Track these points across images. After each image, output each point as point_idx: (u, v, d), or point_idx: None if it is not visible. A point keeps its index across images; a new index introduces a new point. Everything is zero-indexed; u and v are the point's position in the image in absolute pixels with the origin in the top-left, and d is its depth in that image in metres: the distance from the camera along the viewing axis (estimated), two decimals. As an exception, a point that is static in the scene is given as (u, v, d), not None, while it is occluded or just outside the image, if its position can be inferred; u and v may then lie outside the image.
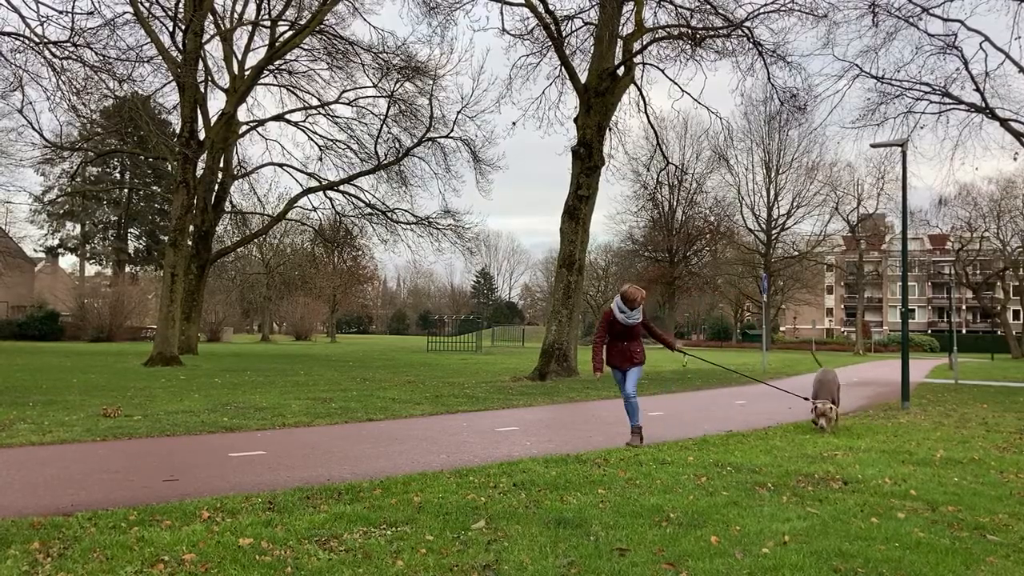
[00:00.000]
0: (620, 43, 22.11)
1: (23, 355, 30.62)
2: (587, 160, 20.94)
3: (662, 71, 24.91)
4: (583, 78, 21.97)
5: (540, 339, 25.93)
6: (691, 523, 5.34)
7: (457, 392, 15.77)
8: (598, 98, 21.07)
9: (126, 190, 65.51)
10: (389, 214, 37.62)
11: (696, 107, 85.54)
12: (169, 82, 29.25)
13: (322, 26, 30.46)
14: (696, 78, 66.54)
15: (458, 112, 33.74)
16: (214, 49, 33.01)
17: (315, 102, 36.22)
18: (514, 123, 32.63)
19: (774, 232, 64.92)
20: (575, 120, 21.73)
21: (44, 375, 18.93)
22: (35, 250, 66.86)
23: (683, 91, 26.13)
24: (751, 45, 22.90)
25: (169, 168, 34.67)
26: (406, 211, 37.70)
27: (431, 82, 33.06)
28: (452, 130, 34.40)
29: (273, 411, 11.73)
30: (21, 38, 20.13)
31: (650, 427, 10.06)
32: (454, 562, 4.37)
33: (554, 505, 5.78)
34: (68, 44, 20.11)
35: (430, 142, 35.20)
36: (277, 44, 31.08)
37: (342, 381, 18.27)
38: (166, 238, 33.73)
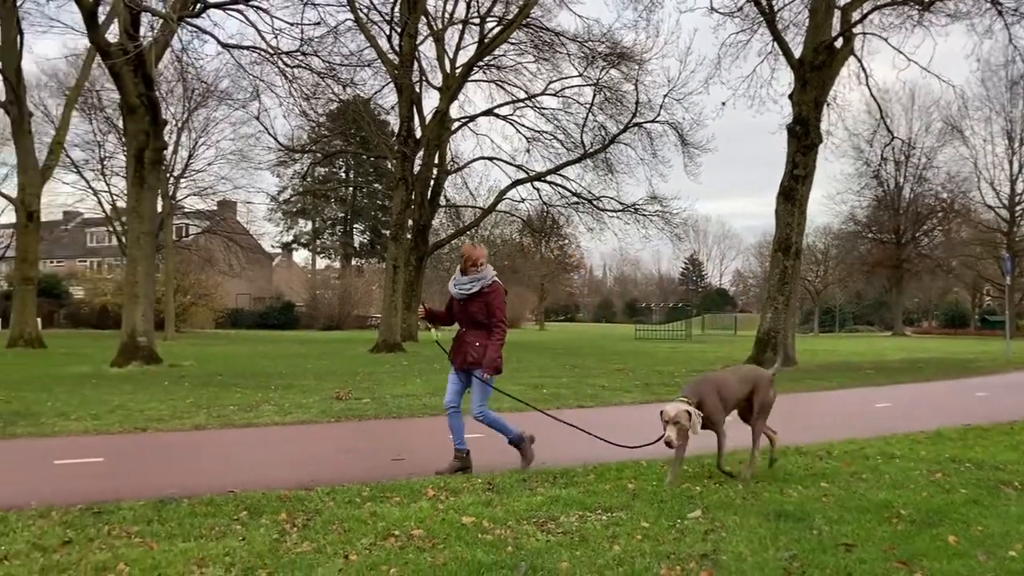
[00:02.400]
0: (837, 14, 20.86)
1: (264, 343, 33.54)
2: (803, 138, 19.97)
3: (885, 40, 23.23)
4: (797, 53, 20.95)
5: (753, 327, 25.09)
6: (925, 521, 4.96)
7: (668, 380, 15.58)
8: (814, 73, 20.02)
9: (351, 188, 69.97)
10: (595, 202, 37.73)
11: (924, 76, 79.50)
12: (387, 84, 30.86)
13: (528, 19, 30.98)
14: (924, 46, 62.07)
15: (664, 96, 33.26)
16: (428, 50, 34.43)
17: (522, 95, 36.91)
18: (723, 103, 31.84)
19: (1018, 208, 59.01)
20: (789, 97, 20.77)
21: (283, 361, 20.62)
22: (272, 246, 72.71)
23: (909, 60, 24.25)
24: (989, 4, 20.91)
25: (389, 166, 36.66)
26: (612, 198, 37.67)
27: (637, 67, 32.77)
28: (659, 114, 33.97)
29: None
30: (258, 51, 21.95)
31: (877, 419, 9.46)
32: (671, 550, 4.32)
33: (773, 497, 5.58)
34: (298, 53, 21.72)
35: (636, 128, 34.92)
36: (486, 41, 31.97)
37: (552, 368, 18.56)
38: (387, 232, 35.75)
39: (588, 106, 35.52)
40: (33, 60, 54.38)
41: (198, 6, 18.86)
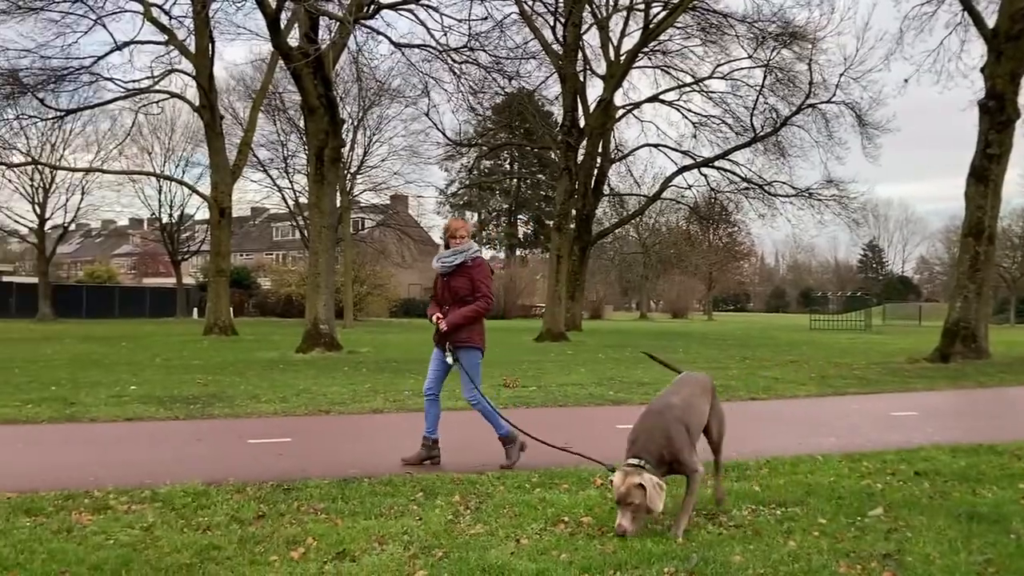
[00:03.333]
0: (1038, -23, 19.13)
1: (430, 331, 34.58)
2: (998, 114, 18.46)
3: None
4: (991, 22, 19.39)
5: (940, 317, 23.50)
6: None
7: (845, 373, 14.89)
8: (1010, 43, 18.45)
9: (515, 180, 70.91)
10: (766, 187, 36.49)
11: None
12: (551, 75, 31.02)
13: (695, 2, 30.28)
14: None
15: (840, 74, 31.69)
16: (591, 38, 34.34)
17: (688, 79, 36.15)
18: (906, 80, 29.76)
19: None
20: (981, 70, 19.25)
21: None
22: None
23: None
24: None
25: (553, 157, 36.86)
26: (784, 183, 36.30)
27: (810, 46, 31.36)
28: (834, 94, 32.42)
29: (655, 387, 12.00)
30: (428, 48, 22.63)
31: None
32: (850, 548, 4.15)
33: (964, 498, 5.23)
34: (465, 49, 22.22)
35: (810, 109, 33.47)
36: (651, 26, 31.50)
37: (721, 359, 18.14)
38: (551, 223, 35.99)
39: (758, 88, 34.39)
40: (223, 66, 58.34)
41: (372, 8, 19.66)
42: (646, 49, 33.13)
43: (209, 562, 3.86)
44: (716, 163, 36.75)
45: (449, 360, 6.42)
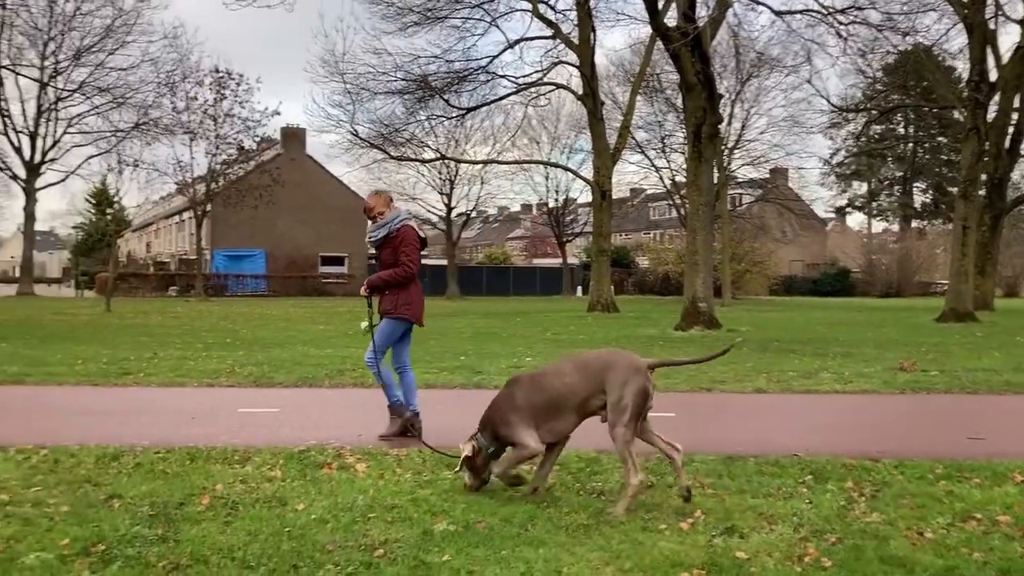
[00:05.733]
0: None
1: (818, 310, 33.03)
2: None
3: None
4: None
5: None
6: None
7: None
8: None
9: (910, 144, 64.89)
10: None
11: None
12: (954, 25, 27.77)
13: None
14: None
15: None
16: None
17: None
18: None
19: None
20: None
21: (839, 329, 20.10)
22: (825, 211, 70.96)
23: None
24: None
25: (956, 116, 33.09)
26: None
27: None
28: None
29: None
30: (812, 13, 21.47)
31: None
32: None
33: None
34: (853, 9, 20.71)
35: None
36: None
37: None
38: (955, 190, 32.41)
39: None
40: (603, 53, 60.65)
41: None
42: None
43: (604, 524, 4.10)
44: None
45: (364, 326, 6.32)
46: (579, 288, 54.31)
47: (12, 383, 9.34)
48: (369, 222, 6.44)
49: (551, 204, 55.61)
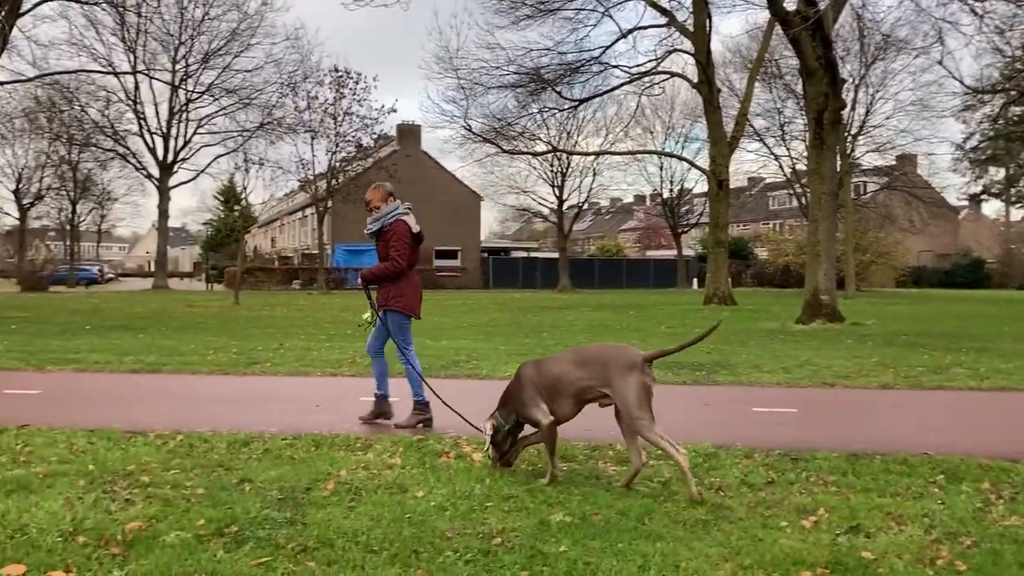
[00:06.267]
0: None
1: (950, 302, 31.46)
2: None
3: None
4: None
5: None
6: None
7: None
8: None
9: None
10: None
11: None
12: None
13: None
14: None
15: None
16: None
17: None
18: None
19: None
20: None
21: (973, 322, 19.11)
22: (958, 198, 67.42)
23: None
24: None
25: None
26: None
27: None
28: None
29: None
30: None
31: None
32: None
33: None
34: (988, -16, 19.61)
35: None
36: None
37: None
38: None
39: None
40: (719, 40, 59.48)
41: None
42: None
43: (723, 520, 4.03)
44: None
45: (366, 317, 6.69)
46: (694, 280, 53.46)
47: (150, 371, 9.91)
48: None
49: (665, 195, 54.86)
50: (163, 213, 47.52)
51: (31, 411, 6.90)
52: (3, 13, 20.42)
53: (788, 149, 43.14)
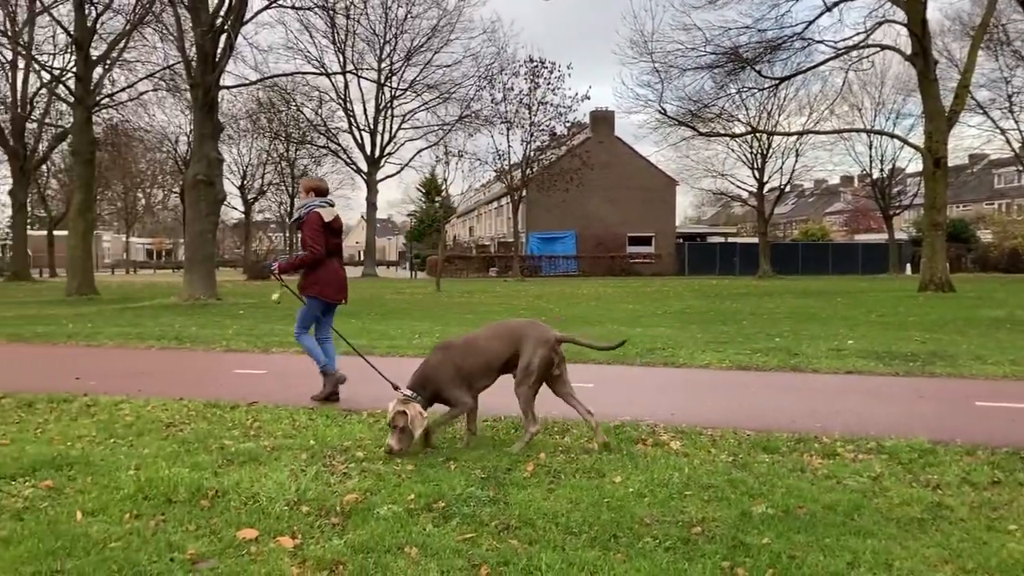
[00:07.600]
0: None
1: None
2: None
3: None
4: None
5: None
6: None
7: None
8: None
9: None
10: None
11: None
12: None
13: None
14: None
15: None
16: None
17: None
18: None
19: None
20: None
21: None
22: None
23: None
24: None
25: None
26: None
27: None
28: None
29: None
30: None
31: None
32: None
33: None
34: None
35: None
36: None
37: None
38: None
39: None
40: (937, 7, 55.15)
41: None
42: None
43: (941, 520, 3.78)
44: None
45: (275, 297, 7.08)
46: (908, 266, 50.11)
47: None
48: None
49: (875, 175, 51.61)
50: (371, 205, 50.20)
51: (258, 389, 7.55)
52: (229, 22, 22.19)
53: (1017, 122, 39.42)
